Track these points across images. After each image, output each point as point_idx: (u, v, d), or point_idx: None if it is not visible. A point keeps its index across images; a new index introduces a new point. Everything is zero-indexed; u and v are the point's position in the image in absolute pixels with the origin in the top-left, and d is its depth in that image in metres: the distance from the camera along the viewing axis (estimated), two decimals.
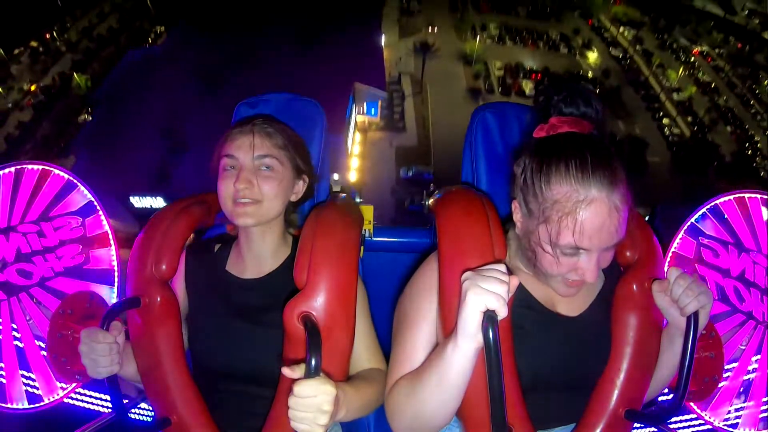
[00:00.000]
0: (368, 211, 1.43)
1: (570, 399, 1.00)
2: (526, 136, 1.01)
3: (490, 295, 0.72)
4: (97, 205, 1.22)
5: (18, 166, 1.19)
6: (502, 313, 0.72)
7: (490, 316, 0.71)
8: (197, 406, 1.04)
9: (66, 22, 32.97)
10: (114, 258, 1.22)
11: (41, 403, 1.22)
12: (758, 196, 1.19)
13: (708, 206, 1.22)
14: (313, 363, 0.79)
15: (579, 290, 0.94)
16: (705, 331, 1.11)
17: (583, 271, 0.87)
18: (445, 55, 31.99)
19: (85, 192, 1.22)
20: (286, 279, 1.00)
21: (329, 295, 0.92)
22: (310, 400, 0.78)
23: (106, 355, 0.94)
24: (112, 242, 1.22)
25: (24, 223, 1.18)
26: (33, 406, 1.21)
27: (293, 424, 0.79)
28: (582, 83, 0.97)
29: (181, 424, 1.02)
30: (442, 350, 0.79)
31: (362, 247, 1.31)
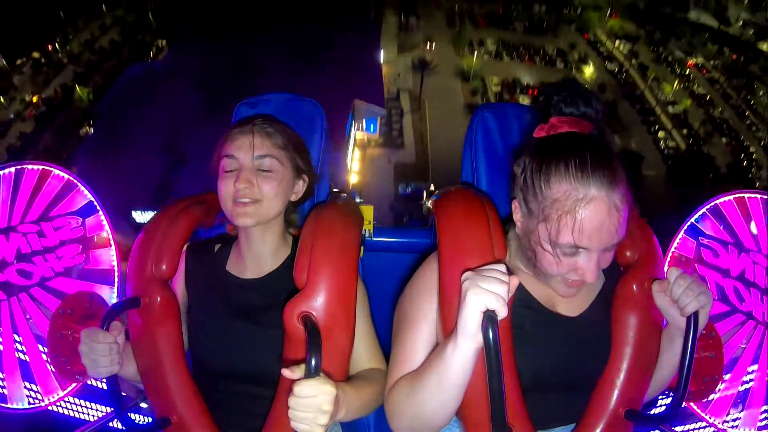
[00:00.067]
0: (368, 211, 1.43)
1: (570, 399, 0.99)
2: (526, 136, 1.02)
3: (490, 295, 0.72)
4: (97, 205, 1.23)
5: (18, 166, 1.19)
6: (502, 313, 0.72)
7: (490, 316, 0.71)
8: (197, 406, 1.03)
9: (68, 33, 33.20)
10: (114, 258, 1.22)
11: (41, 404, 1.21)
12: (758, 196, 1.20)
13: (708, 206, 1.22)
14: (313, 363, 0.79)
15: (579, 290, 0.94)
16: (705, 331, 1.11)
17: (582, 271, 0.86)
18: (443, 71, 32.16)
19: (85, 192, 1.22)
20: (286, 279, 1.00)
21: (329, 295, 0.92)
22: (310, 400, 0.78)
23: (106, 355, 0.94)
24: (112, 242, 1.22)
25: (24, 223, 1.19)
26: (33, 407, 1.20)
27: (293, 424, 0.79)
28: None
29: (181, 424, 1.02)
30: (442, 350, 0.79)
31: (362, 247, 1.31)
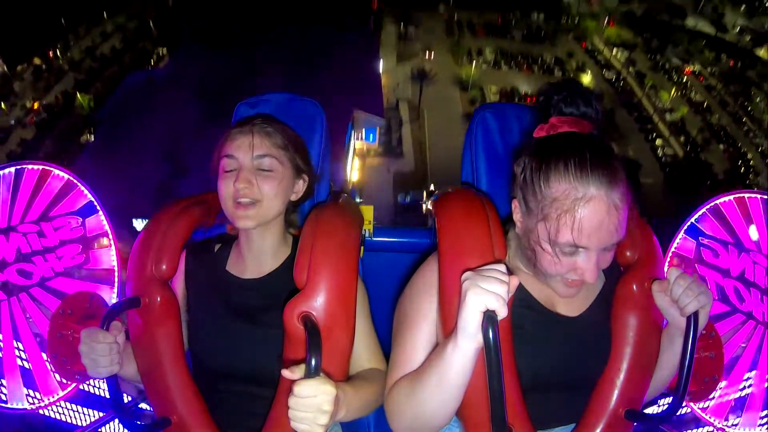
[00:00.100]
0: (368, 211, 1.42)
1: (570, 399, 0.99)
2: (526, 136, 1.02)
3: (490, 295, 0.72)
4: (97, 205, 1.23)
5: (18, 166, 1.19)
6: (502, 313, 0.72)
7: (490, 316, 0.72)
8: (197, 406, 1.03)
9: (69, 40, 33.32)
10: (114, 258, 1.22)
11: (40, 404, 1.20)
12: (758, 196, 1.20)
13: (708, 206, 1.22)
14: (313, 363, 0.79)
15: (579, 290, 0.94)
16: (705, 331, 1.10)
17: (582, 271, 0.86)
18: (442, 81, 32.33)
19: (86, 192, 1.22)
20: (286, 279, 1.00)
21: (329, 295, 0.92)
22: (310, 400, 0.78)
23: (106, 355, 0.93)
24: (112, 242, 1.22)
25: (24, 223, 1.19)
26: (32, 407, 1.20)
27: (293, 424, 0.79)
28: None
29: (181, 424, 1.01)
30: (442, 350, 0.79)
31: (362, 247, 1.30)
